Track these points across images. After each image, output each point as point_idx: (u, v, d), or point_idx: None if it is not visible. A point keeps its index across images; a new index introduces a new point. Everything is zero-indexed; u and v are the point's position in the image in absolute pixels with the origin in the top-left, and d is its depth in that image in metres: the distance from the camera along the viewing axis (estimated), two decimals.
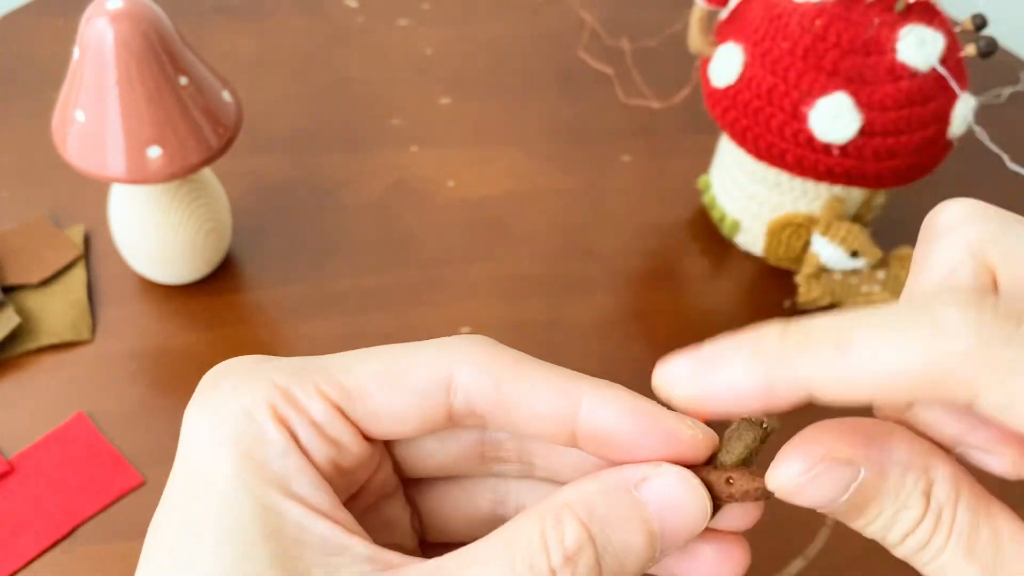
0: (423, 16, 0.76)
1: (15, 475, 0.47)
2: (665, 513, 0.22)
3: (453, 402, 0.23)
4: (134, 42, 0.44)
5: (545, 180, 0.63)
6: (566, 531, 0.21)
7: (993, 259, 0.22)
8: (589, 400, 0.24)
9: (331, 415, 0.23)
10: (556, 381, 0.24)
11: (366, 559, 0.21)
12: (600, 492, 0.22)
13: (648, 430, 0.23)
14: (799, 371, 0.20)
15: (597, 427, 0.23)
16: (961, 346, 0.19)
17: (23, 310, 0.52)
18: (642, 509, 0.22)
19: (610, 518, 0.22)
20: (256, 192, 0.61)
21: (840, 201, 0.53)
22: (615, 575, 0.21)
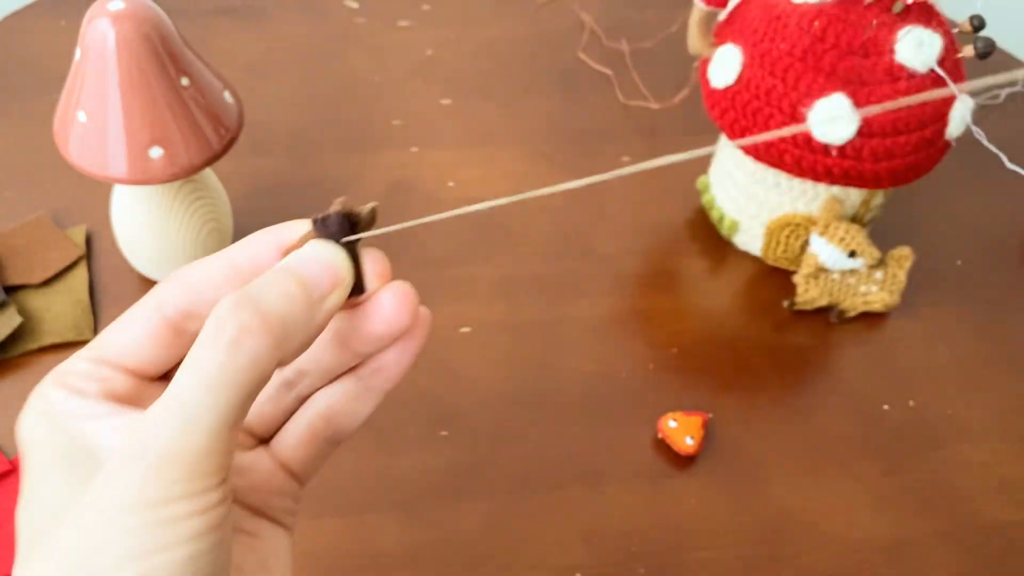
0: (423, 17, 0.76)
1: (17, 475, 0.47)
2: (304, 263, 0.25)
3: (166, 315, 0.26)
4: (136, 43, 0.44)
5: (545, 180, 0.64)
6: (224, 303, 0.23)
7: None
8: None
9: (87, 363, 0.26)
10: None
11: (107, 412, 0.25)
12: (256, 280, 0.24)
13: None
14: None
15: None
16: None
17: (25, 310, 0.53)
18: (284, 268, 0.25)
19: (261, 284, 0.24)
20: (257, 192, 0.61)
21: (838, 201, 0.54)
22: (284, 318, 0.23)
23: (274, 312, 0.23)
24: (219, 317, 0.23)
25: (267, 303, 0.23)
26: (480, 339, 0.54)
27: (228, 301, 0.23)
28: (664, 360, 0.54)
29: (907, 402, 0.53)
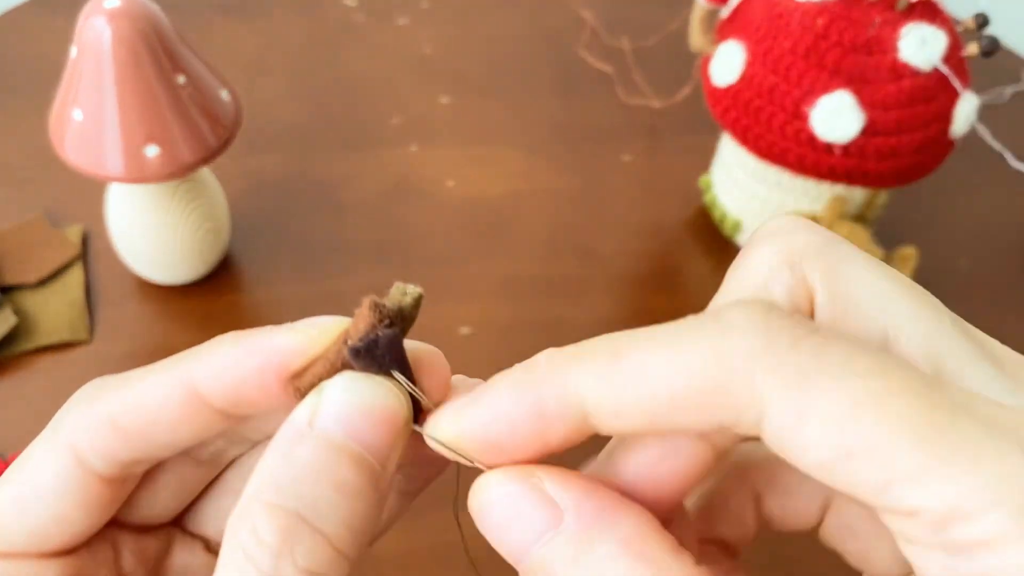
0: (422, 15, 0.75)
1: None
2: (354, 427, 0.19)
3: None
4: (132, 41, 0.44)
5: (545, 180, 0.63)
6: (260, 528, 0.17)
7: (812, 273, 0.19)
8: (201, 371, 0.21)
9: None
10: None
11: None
12: (279, 458, 0.18)
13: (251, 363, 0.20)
14: (570, 386, 0.18)
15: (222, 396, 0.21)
16: (744, 345, 0.16)
17: (20, 310, 0.52)
18: (326, 442, 0.18)
19: (300, 476, 0.18)
20: (255, 192, 0.61)
21: (842, 200, 0.53)
22: (350, 523, 0.18)
23: (335, 528, 0.18)
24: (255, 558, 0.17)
25: (323, 517, 0.18)
26: (480, 339, 0.53)
27: (262, 529, 0.17)
28: None
29: None
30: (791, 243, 0.20)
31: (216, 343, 0.21)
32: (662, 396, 0.17)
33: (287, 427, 0.19)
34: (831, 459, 0.16)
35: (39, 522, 0.21)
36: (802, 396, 0.16)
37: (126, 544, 0.23)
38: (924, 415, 0.16)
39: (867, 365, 0.16)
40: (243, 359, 0.20)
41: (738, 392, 0.16)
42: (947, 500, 0.15)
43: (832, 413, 0.16)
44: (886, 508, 0.16)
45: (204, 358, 0.20)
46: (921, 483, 0.15)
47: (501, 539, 0.19)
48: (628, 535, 0.18)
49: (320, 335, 0.20)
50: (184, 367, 0.21)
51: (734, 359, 0.16)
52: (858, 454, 0.16)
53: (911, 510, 0.16)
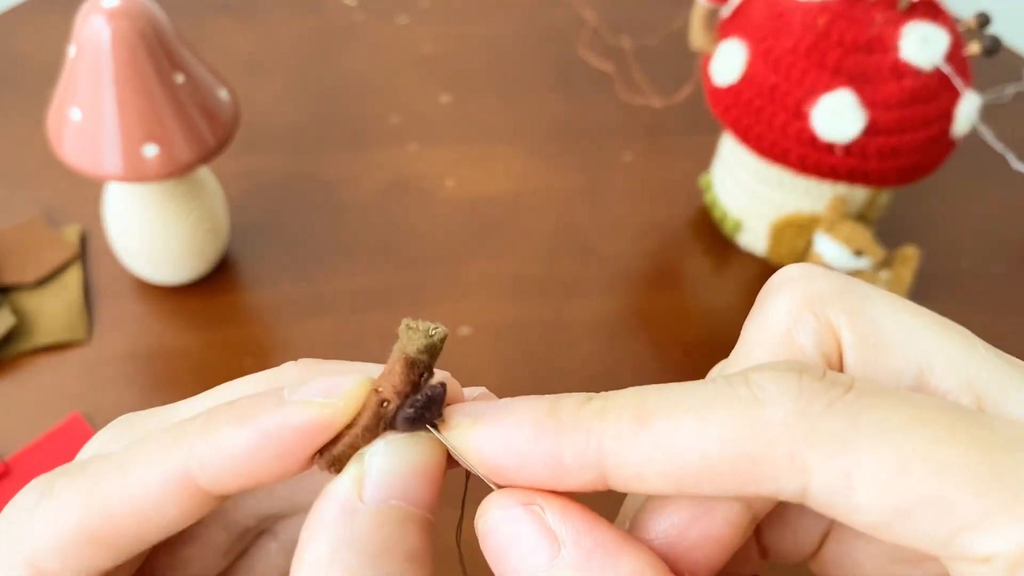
0: (422, 14, 0.75)
1: (11, 477, 0.46)
2: (410, 491, 0.18)
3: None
4: (131, 40, 0.44)
5: (545, 179, 0.63)
6: None
7: (836, 317, 0.19)
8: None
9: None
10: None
11: None
12: (336, 541, 0.17)
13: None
14: (591, 443, 0.17)
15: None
16: (780, 415, 0.16)
17: (19, 310, 0.52)
18: (387, 514, 0.18)
19: (369, 557, 0.17)
20: (253, 191, 0.60)
21: (843, 200, 0.53)
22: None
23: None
24: None
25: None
26: (480, 339, 0.53)
27: None
28: (667, 361, 0.53)
29: None
30: (810, 288, 0.19)
31: (212, 420, 0.18)
32: (692, 466, 0.16)
33: (330, 504, 0.18)
34: (887, 520, 0.16)
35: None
36: (846, 462, 0.15)
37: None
38: (977, 458, 0.15)
39: (907, 416, 0.16)
40: (254, 444, 0.18)
41: (776, 463, 0.16)
42: (1021, 542, 0.15)
43: (880, 474, 0.15)
44: (955, 557, 0.16)
45: (200, 444, 0.18)
46: (990, 530, 0.15)
47: (498, 564, 0.18)
48: (628, 573, 0.17)
49: (348, 405, 0.18)
50: (177, 455, 0.18)
51: (770, 430, 0.16)
52: (914, 511, 0.15)
53: (984, 557, 0.15)
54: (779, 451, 0.16)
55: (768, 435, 0.16)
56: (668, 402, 0.17)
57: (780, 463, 0.16)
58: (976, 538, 0.15)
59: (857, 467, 0.15)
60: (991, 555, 0.15)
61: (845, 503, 0.16)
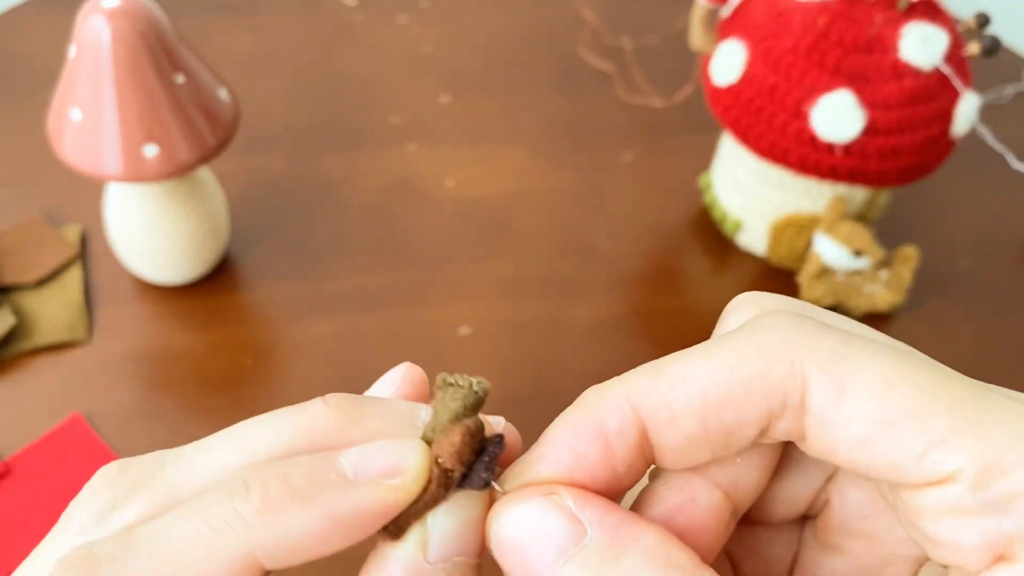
0: (422, 14, 0.75)
1: (12, 476, 0.46)
2: (468, 544, 0.19)
3: None
4: (131, 40, 0.44)
5: (545, 179, 0.63)
6: None
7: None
8: None
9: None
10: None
11: None
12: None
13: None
14: (623, 399, 0.19)
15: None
16: (779, 336, 0.18)
17: (19, 310, 0.52)
18: (451, 571, 0.18)
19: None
20: (254, 191, 0.60)
21: (843, 200, 0.53)
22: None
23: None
24: None
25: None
26: (480, 339, 0.53)
27: None
28: None
29: None
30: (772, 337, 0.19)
31: (274, 502, 0.18)
32: (711, 393, 0.18)
33: (396, 569, 0.18)
34: (872, 431, 0.17)
35: None
36: (840, 373, 0.17)
37: None
38: (949, 387, 0.17)
39: (889, 350, 0.18)
40: (324, 528, 0.18)
41: (781, 375, 0.18)
42: (984, 458, 0.16)
43: (869, 387, 0.17)
44: (925, 479, 0.17)
45: (264, 529, 0.18)
46: (957, 444, 0.16)
47: (523, 560, 0.18)
48: (652, 545, 0.18)
49: (417, 484, 0.18)
50: (238, 541, 0.17)
51: (772, 348, 0.18)
52: (897, 422, 0.17)
53: (950, 473, 0.17)
54: (782, 364, 0.17)
55: (771, 353, 0.18)
56: (679, 354, 0.19)
57: (784, 376, 0.17)
58: (944, 454, 0.17)
59: (848, 380, 0.17)
60: (957, 471, 0.16)
61: (837, 413, 0.17)
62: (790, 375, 0.18)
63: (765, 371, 0.18)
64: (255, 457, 0.19)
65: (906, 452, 0.17)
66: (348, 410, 0.20)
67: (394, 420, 0.20)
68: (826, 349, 0.17)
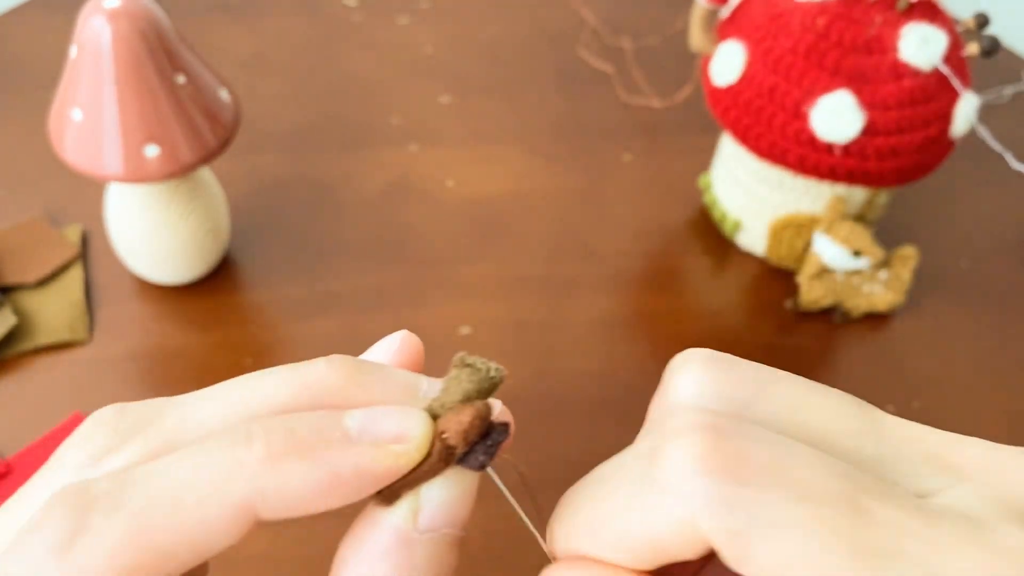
0: (422, 14, 0.75)
1: (13, 476, 0.46)
2: (456, 516, 0.19)
3: None
4: (132, 40, 0.44)
5: (545, 180, 0.63)
6: None
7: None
8: None
9: None
10: None
11: None
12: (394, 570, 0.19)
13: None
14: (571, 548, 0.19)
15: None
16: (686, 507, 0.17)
17: (20, 310, 0.52)
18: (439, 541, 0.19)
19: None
20: (254, 191, 0.61)
21: (842, 200, 0.53)
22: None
23: None
24: None
25: None
26: (480, 339, 0.53)
27: None
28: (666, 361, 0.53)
29: (912, 403, 0.52)
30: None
31: (276, 453, 0.18)
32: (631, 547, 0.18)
33: (386, 534, 0.19)
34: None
35: None
36: (745, 547, 0.17)
37: None
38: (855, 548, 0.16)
39: (800, 518, 0.17)
40: (324, 484, 0.18)
41: (699, 540, 0.17)
42: None
43: (770, 561, 0.17)
44: None
45: (264, 477, 0.18)
46: None
47: None
48: None
49: (420, 453, 0.19)
50: (237, 487, 0.18)
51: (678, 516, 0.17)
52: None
53: None
54: (693, 531, 0.17)
55: (677, 521, 0.17)
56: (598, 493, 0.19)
57: (696, 542, 0.17)
58: None
59: (750, 557, 0.17)
60: None
61: (743, 570, 0.17)
62: (702, 538, 0.17)
63: (680, 535, 0.17)
64: (255, 410, 0.19)
65: None
66: (351, 372, 0.20)
67: (396, 388, 0.20)
68: (731, 524, 0.17)
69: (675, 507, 0.17)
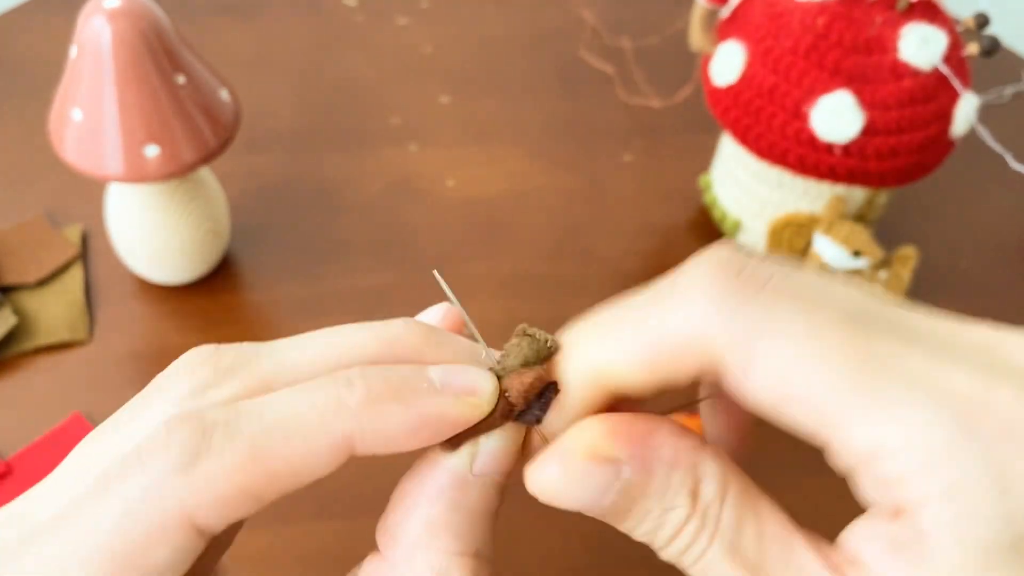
0: (422, 15, 0.75)
1: (12, 476, 0.46)
2: (506, 465, 0.22)
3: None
4: (132, 41, 0.44)
5: (545, 180, 0.63)
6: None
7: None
8: None
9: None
10: None
11: None
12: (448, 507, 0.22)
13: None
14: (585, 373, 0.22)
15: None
16: (700, 312, 0.19)
17: (20, 310, 0.52)
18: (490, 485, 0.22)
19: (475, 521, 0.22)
20: (254, 192, 0.61)
21: (842, 200, 0.53)
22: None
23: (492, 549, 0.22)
24: None
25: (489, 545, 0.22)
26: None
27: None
28: None
29: None
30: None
31: (376, 395, 0.21)
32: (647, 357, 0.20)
33: (445, 475, 0.22)
34: (772, 403, 0.19)
35: None
36: (745, 355, 0.19)
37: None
38: (852, 373, 0.18)
39: (808, 325, 0.19)
40: (413, 426, 0.21)
41: (701, 346, 0.19)
42: (869, 442, 0.18)
43: (770, 368, 0.19)
44: (823, 446, 0.19)
45: (365, 416, 0.20)
46: (846, 428, 0.18)
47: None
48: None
49: (487, 405, 0.22)
50: (341, 424, 0.20)
51: (692, 322, 0.19)
52: (793, 401, 0.19)
53: (841, 448, 0.19)
54: (705, 342, 0.19)
55: (691, 326, 0.19)
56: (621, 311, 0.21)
57: (707, 351, 0.19)
58: (836, 432, 0.18)
59: (754, 360, 0.19)
60: (846, 448, 0.19)
61: (744, 386, 0.19)
62: (709, 348, 0.19)
63: (688, 341, 0.19)
64: (344, 359, 0.22)
65: (803, 426, 0.19)
66: (426, 335, 0.23)
67: (462, 351, 0.23)
68: (735, 330, 0.19)
69: (688, 315, 0.19)
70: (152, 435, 0.20)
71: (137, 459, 0.20)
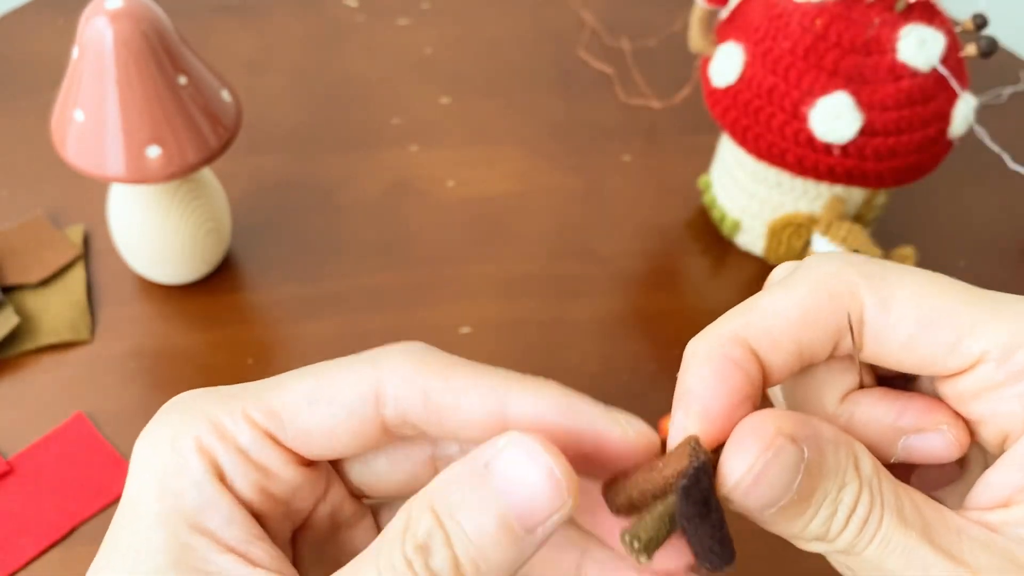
0: (423, 15, 0.75)
1: (14, 475, 0.46)
2: (513, 489, 0.20)
3: (385, 415, 0.23)
4: (133, 41, 0.44)
5: (545, 180, 0.63)
6: (419, 522, 0.20)
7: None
8: (517, 400, 0.23)
9: (258, 440, 0.23)
10: (483, 383, 0.23)
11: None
12: (451, 476, 0.21)
13: (576, 427, 0.23)
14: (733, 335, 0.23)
15: (526, 427, 0.22)
16: (833, 269, 0.23)
17: (22, 310, 0.52)
18: (489, 487, 0.20)
19: (458, 500, 0.20)
20: (256, 192, 0.61)
21: (841, 201, 0.53)
22: (477, 563, 0.20)
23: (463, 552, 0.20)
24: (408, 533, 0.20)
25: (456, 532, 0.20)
26: (480, 339, 0.54)
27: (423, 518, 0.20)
28: (666, 360, 0.53)
29: None
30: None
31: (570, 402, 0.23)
32: (797, 319, 0.23)
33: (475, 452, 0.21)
34: (913, 331, 0.22)
35: (331, 431, 0.23)
36: (884, 291, 0.22)
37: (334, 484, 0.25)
38: (973, 293, 0.23)
39: (921, 271, 0.23)
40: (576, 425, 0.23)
41: (843, 297, 0.22)
42: (1005, 339, 0.22)
43: (908, 299, 0.22)
44: (959, 365, 0.22)
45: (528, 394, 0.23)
46: (982, 332, 0.22)
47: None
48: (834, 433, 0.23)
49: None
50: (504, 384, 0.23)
51: (832, 279, 0.23)
52: (932, 322, 0.22)
53: (979, 355, 0.22)
54: (842, 290, 0.22)
55: (832, 282, 0.23)
56: (759, 295, 0.24)
57: (844, 296, 0.22)
58: (972, 341, 0.22)
59: (892, 293, 0.22)
60: (982, 353, 0.22)
61: (885, 322, 0.22)
62: (849, 296, 0.22)
63: (832, 295, 0.22)
64: None
65: (942, 345, 0.22)
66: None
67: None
68: (871, 275, 0.22)
69: (829, 270, 0.23)
70: None
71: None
